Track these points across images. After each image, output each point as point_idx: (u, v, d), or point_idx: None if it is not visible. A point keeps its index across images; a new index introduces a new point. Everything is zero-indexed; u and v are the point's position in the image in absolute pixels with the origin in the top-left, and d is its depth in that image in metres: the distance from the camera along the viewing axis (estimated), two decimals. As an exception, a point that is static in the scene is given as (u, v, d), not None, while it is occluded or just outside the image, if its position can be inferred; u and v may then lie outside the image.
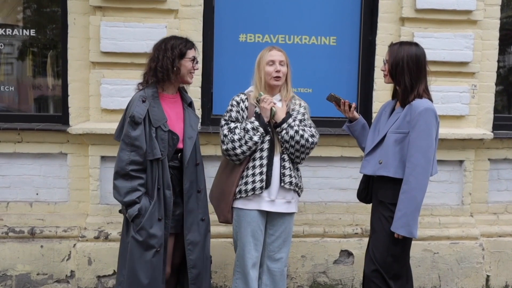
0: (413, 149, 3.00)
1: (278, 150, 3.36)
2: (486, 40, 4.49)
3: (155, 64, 3.14)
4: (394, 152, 3.08)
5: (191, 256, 3.26)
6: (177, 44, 3.17)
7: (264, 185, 3.30)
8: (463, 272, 4.54)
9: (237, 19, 4.46)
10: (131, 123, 3.05)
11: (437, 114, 3.07)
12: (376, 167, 3.16)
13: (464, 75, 4.45)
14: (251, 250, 3.38)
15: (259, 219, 3.38)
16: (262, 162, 3.32)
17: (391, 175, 3.08)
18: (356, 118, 3.48)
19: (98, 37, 4.09)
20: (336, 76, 4.57)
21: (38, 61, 4.58)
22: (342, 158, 4.50)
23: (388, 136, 3.12)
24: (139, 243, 3.08)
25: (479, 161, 4.63)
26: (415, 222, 3.02)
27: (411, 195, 2.98)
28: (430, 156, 3.02)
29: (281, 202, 3.38)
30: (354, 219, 4.53)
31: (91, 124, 4.16)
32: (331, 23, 4.53)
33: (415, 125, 3.01)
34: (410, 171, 2.99)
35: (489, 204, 4.73)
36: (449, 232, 4.54)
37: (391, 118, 3.18)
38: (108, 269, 4.22)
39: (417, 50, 3.13)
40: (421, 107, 3.02)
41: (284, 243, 3.47)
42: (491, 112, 4.61)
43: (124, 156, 3.05)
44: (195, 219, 3.29)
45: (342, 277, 4.50)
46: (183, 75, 3.21)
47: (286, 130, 3.29)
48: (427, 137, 3.00)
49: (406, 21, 4.37)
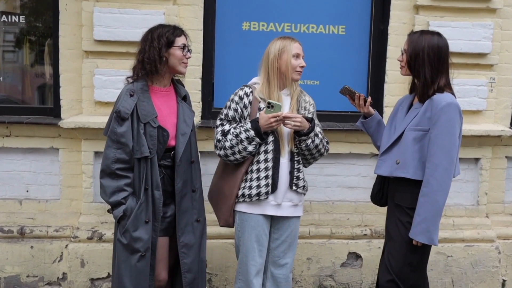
0: (434, 148, 2.78)
1: (286, 150, 3.12)
2: (506, 30, 4.27)
3: (142, 56, 2.95)
4: (413, 151, 2.86)
5: (185, 259, 3.07)
6: (164, 33, 2.97)
7: (270, 190, 3.06)
8: (478, 277, 4.34)
9: (240, 6, 4.23)
10: (117, 119, 2.87)
11: (461, 109, 2.84)
12: (393, 167, 2.93)
13: (482, 67, 4.24)
14: (255, 256, 3.14)
15: (264, 224, 3.14)
16: (268, 165, 3.07)
17: (409, 176, 2.86)
18: (372, 114, 3.24)
19: (92, 24, 3.86)
20: (345, 67, 4.36)
21: (28, 50, 4.34)
22: (351, 155, 4.29)
23: (406, 133, 2.89)
24: (124, 246, 2.92)
25: (496, 158, 4.43)
26: (436, 228, 2.80)
27: (432, 198, 2.77)
28: (453, 155, 2.80)
29: (287, 205, 3.16)
30: (363, 220, 4.33)
31: (84, 117, 3.94)
32: (340, 11, 4.31)
33: (436, 122, 2.79)
34: (431, 172, 2.77)
35: (506, 205, 4.54)
36: (463, 234, 4.35)
37: (410, 114, 2.96)
38: (102, 272, 4.02)
39: (439, 41, 2.90)
40: (443, 101, 2.80)
41: (290, 247, 3.24)
42: (509, 107, 4.41)
43: (110, 154, 2.88)
44: (190, 220, 3.09)
45: (350, 281, 4.30)
46: (174, 65, 2.99)
47: (312, 139, 3.09)
48: (450, 135, 2.78)
49: (420, 9, 4.14)
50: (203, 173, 3.46)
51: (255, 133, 2.98)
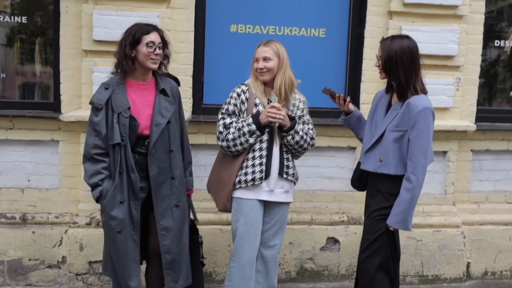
0: (414, 149, 3.09)
1: (278, 140, 3.43)
2: (471, 34, 4.60)
3: (116, 53, 3.24)
4: (393, 150, 3.16)
5: (164, 241, 3.28)
6: (133, 31, 3.18)
7: (264, 175, 3.36)
8: (445, 259, 4.69)
9: (228, 9, 4.50)
10: (93, 109, 3.18)
11: (433, 110, 3.12)
12: (376, 164, 3.24)
13: (449, 69, 4.56)
14: (251, 239, 3.41)
15: (259, 208, 3.43)
16: (262, 153, 3.38)
17: (391, 172, 3.18)
18: (352, 111, 3.53)
19: (91, 25, 4.11)
20: (325, 67, 4.66)
21: (28, 48, 4.57)
22: (330, 148, 4.60)
23: (387, 134, 3.18)
24: (103, 224, 3.27)
25: (462, 152, 4.76)
26: (411, 217, 3.16)
27: (412, 193, 3.10)
28: (428, 154, 3.13)
29: (279, 191, 3.46)
30: (340, 207, 4.65)
31: (84, 111, 4.18)
32: (321, 15, 4.61)
33: (414, 125, 3.08)
34: (412, 170, 3.09)
35: (470, 194, 4.88)
36: (432, 220, 4.68)
37: (389, 115, 3.23)
38: (100, 255, 4.23)
39: (409, 43, 3.15)
40: (420, 106, 3.07)
41: (279, 230, 3.55)
42: (474, 105, 4.74)
43: (89, 140, 3.20)
44: (169, 205, 3.30)
45: (328, 264, 4.62)
46: (142, 62, 3.18)
47: (292, 136, 3.38)
48: (426, 137, 3.09)
49: (394, 15, 4.46)
50: (194, 163, 3.69)
51: (256, 127, 3.29)
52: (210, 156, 4.24)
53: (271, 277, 3.58)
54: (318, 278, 4.61)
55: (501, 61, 5.18)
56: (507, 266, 4.88)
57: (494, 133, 4.80)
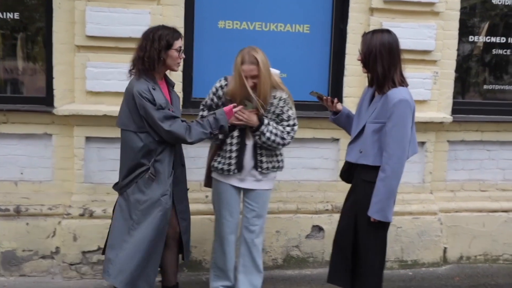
0: (389, 139, 3.14)
1: (251, 136, 3.62)
2: (447, 30, 4.82)
3: (143, 54, 3.32)
4: (372, 141, 3.23)
5: (182, 223, 3.60)
6: (165, 35, 3.34)
7: (236, 170, 3.63)
8: (423, 245, 4.92)
9: (216, 6, 4.64)
10: (156, 108, 3.26)
11: (411, 101, 3.18)
12: (357, 155, 3.32)
13: (427, 63, 4.77)
14: (227, 215, 3.76)
15: (232, 190, 3.73)
16: (232, 148, 3.62)
17: (370, 163, 3.25)
18: (340, 110, 3.60)
19: (84, 21, 4.21)
20: (309, 62, 4.83)
21: (21, 44, 4.63)
22: (314, 140, 4.78)
23: (367, 126, 3.26)
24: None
25: (439, 142, 4.98)
26: (390, 208, 3.20)
27: (387, 183, 3.15)
28: (405, 145, 3.16)
29: (250, 179, 3.71)
30: (325, 197, 4.83)
31: (77, 105, 4.30)
32: (305, 11, 4.77)
33: (390, 116, 3.13)
34: (386, 160, 3.15)
35: (447, 182, 5.11)
36: (411, 208, 4.89)
37: (370, 108, 3.31)
38: (93, 245, 4.39)
39: (389, 37, 3.23)
40: (396, 98, 3.13)
41: (258, 215, 3.79)
42: (450, 97, 4.96)
43: (176, 123, 3.31)
44: (182, 190, 3.63)
45: (313, 251, 4.81)
46: (170, 65, 3.42)
47: (258, 136, 3.58)
48: (402, 127, 3.13)
49: (375, 11, 4.65)
50: (184, 155, 3.79)
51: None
52: (200, 149, 4.34)
53: (255, 260, 3.84)
54: (304, 265, 4.80)
55: (474, 56, 5.42)
56: (481, 251, 5.13)
57: (469, 125, 5.04)
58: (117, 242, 3.39)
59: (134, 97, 3.27)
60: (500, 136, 5.12)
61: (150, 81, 3.33)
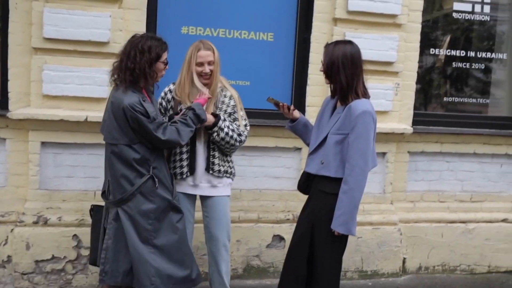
0: (352, 151, 3.13)
1: (203, 138, 3.59)
2: (409, 42, 4.87)
3: (133, 65, 3.23)
4: (335, 153, 3.20)
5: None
6: (155, 46, 3.29)
7: (188, 172, 3.57)
8: (383, 255, 4.95)
9: (180, 11, 4.58)
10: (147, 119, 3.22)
11: (374, 114, 3.18)
12: (318, 166, 3.28)
13: (388, 74, 4.81)
14: None
15: (185, 200, 3.66)
16: (182, 150, 3.58)
17: (332, 175, 3.21)
18: (297, 118, 3.59)
19: (41, 23, 4.09)
20: (273, 70, 4.81)
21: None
22: (277, 148, 4.76)
23: (329, 137, 3.23)
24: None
25: (400, 153, 5.02)
26: (353, 221, 3.16)
27: (350, 195, 3.12)
28: (368, 157, 3.16)
29: (206, 186, 3.64)
30: (286, 206, 4.82)
31: (32, 109, 4.17)
32: (269, 19, 4.76)
33: (353, 128, 3.13)
34: (349, 172, 3.12)
35: (407, 193, 5.15)
36: (371, 218, 4.92)
37: (332, 119, 3.30)
38: (47, 254, 4.26)
39: (351, 49, 3.24)
40: (359, 110, 3.13)
41: (219, 223, 3.71)
42: (411, 109, 5.01)
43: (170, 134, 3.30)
44: None
45: (274, 260, 4.77)
46: (157, 77, 3.38)
47: (217, 133, 3.53)
48: (365, 139, 3.13)
49: (338, 22, 4.68)
50: None
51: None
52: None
53: (223, 270, 3.76)
54: (264, 274, 4.76)
55: (436, 68, 5.52)
56: (439, 261, 5.19)
57: (429, 136, 5.10)
58: (136, 255, 3.30)
59: (124, 111, 3.20)
60: (459, 148, 5.19)
61: (137, 92, 3.27)
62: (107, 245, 3.35)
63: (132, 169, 3.27)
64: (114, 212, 3.33)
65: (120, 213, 3.30)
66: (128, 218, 3.29)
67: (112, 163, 3.31)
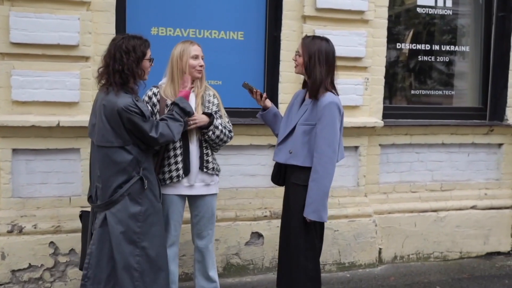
0: (319, 140, 3.26)
1: (195, 138, 3.59)
2: (377, 38, 4.98)
3: (122, 67, 3.20)
4: (303, 143, 3.34)
5: None
6: (138, 45, 3.28)
7: (183, 174, 3.55)
8: (359, 247, 5.03)
9: (149, 12, 4.56)
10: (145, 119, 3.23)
11: (341, 106, 3.33)
12: (287, 156, 3.41)
13: (358, 69, 4.90)
14: (171, 229, 3.66)
15: (178, 203, 3.64)
16: (176, 152, 3.55)
17: (300, 164, 3.34)
18: (268, 107, 3.72)
19: (8, 27, 4.00)
20: (244, 69, 4.83)
21: None
22: (252, 146, 4.79)
23: (298, 127, 3.37)
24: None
25: (371, 146, 5.12)
26: (324, 208, 3.29)
27: (320, 183, 3.25)
28: (336, 146, 3.29)
29: (200, 185, 3.64)
30: (263, 203, 4.84)
31: (2, 116, 4.07)
32: (239, 18, 4.79)
33: (320, 118, 3.27)
34: (318, 161, 3.25)
35: (380, 185, 5.26)
36: (347, 211, 5.00)
37: (301, 110, 3.43)
38: (23, 263, 4.17)
39: (327, 46, 3.40)
40: (326, 101, 3.28)
41: (209, 221, 3.75)
42: (381, 103, 5.12)
43: (164, 131, 3.30)
44: None
45: (253, 257, 4.80)
46: (144, 75, 3.36)
47: (212, 131, 3.56)
48: (332, 129, 3.27)
49: (307, 19, 4.73)
50: None
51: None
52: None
53: (208, 266, 3.79)
54: (244, 272, 4.78)
55: (401, 62, 5.65)
56: (414, 250, 5.31)
57: (399, 129, 5.21)
58: (120, 259, 3.26)
59: (119, 113, 3.16)
60: (428, 139, 5.33)
61: (129, 93, 3.24)
62: (91, 250, 3.31)
63: (123, 171, 3.24)
64: (102, 216, 3.29)
65: (108, 216, 3.26)
66: (117, 221, 3.25)
67: (103, 166, 3.27)
